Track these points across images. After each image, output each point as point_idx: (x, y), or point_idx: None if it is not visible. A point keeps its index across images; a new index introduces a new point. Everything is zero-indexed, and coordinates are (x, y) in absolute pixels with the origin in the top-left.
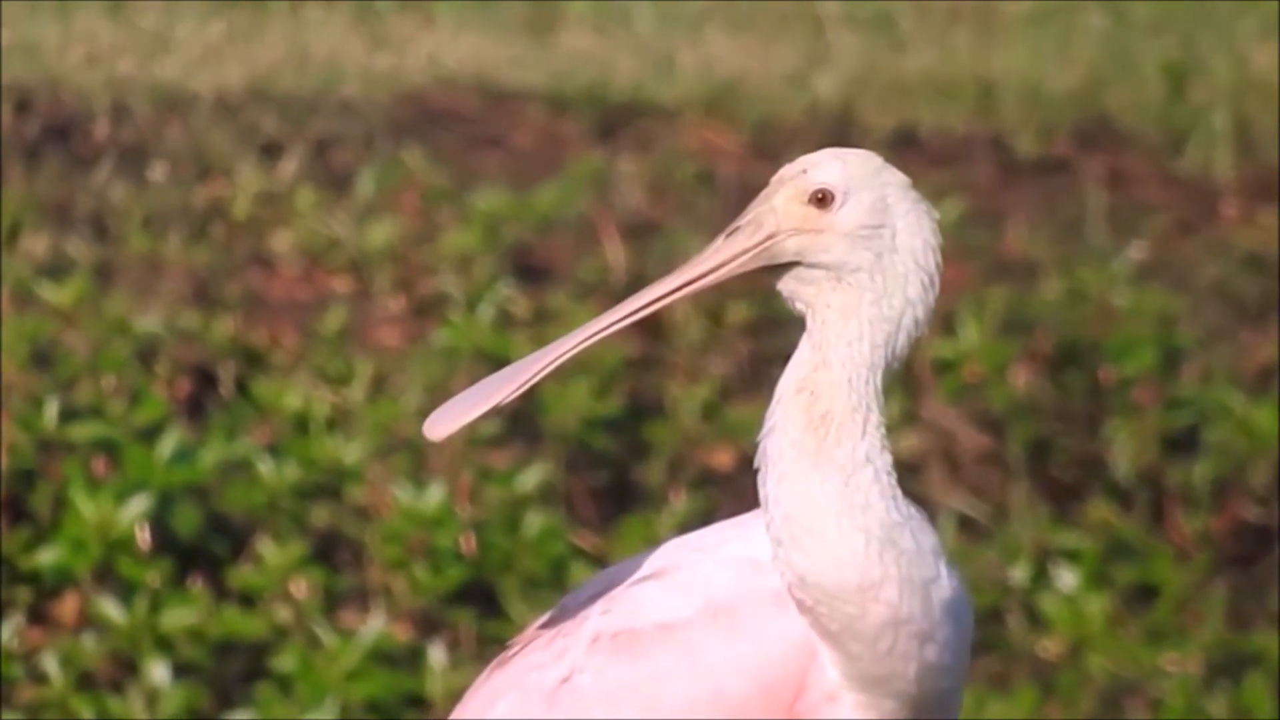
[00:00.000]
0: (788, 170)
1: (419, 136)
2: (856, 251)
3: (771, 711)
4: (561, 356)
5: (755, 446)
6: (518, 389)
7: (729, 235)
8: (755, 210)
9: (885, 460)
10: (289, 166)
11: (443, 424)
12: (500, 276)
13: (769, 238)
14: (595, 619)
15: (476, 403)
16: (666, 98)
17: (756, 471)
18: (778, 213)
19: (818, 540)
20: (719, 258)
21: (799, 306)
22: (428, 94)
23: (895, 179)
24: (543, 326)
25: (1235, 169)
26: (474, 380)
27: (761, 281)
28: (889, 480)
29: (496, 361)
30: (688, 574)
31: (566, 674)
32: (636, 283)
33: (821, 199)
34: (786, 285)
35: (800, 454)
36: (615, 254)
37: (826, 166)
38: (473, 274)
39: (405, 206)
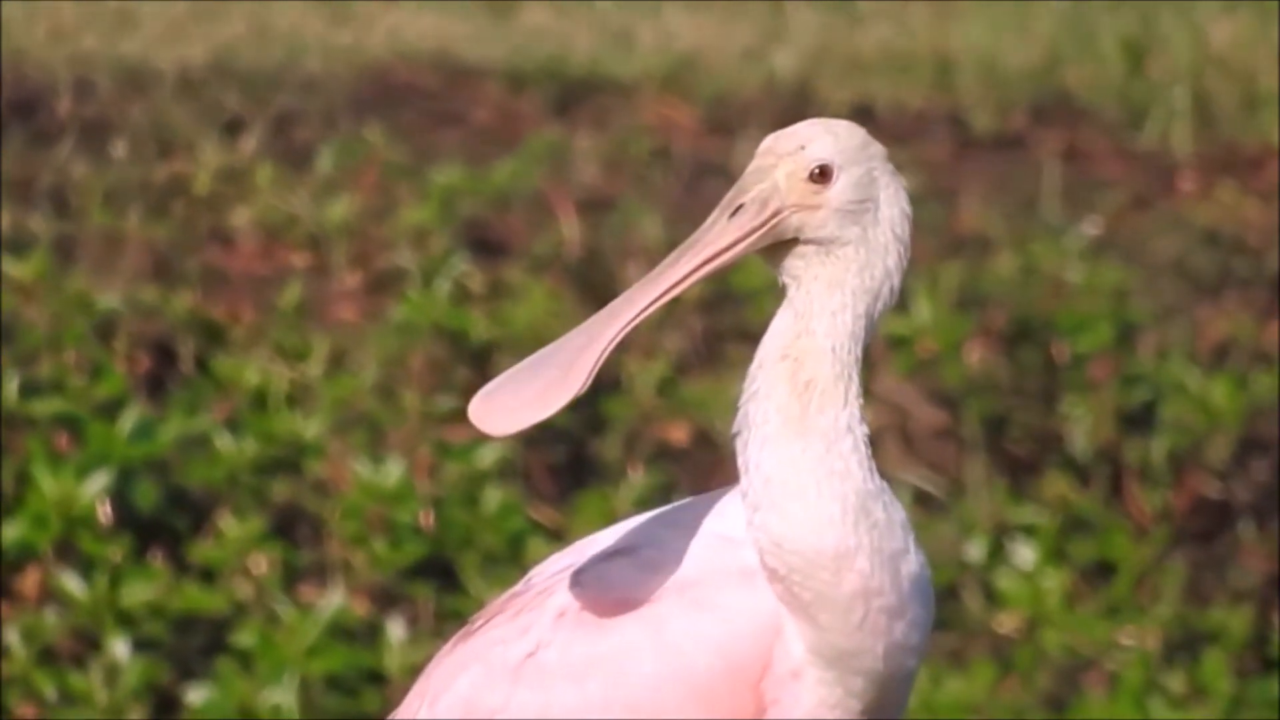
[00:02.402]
0: (778, 145)
1: (379, 112)
2: (846, 226)
3: (738, 687)
4: (609, 345)
5: (711, 422)
6: (578, 386)
7: (732, 215)
8: (756, 188)
9: (863, 430)
10: (249, 143)
11: (502, 419)
12: (456, 251)
13: (775, 214)
14: (561, 593)
15: (540, 404)
16: (624, 74)
17: (731, 440)
18: (781, 190)
19: (798, 505)
20: (730, 236)
21: (786, 278)
22: (388, 70)
23: (879, 151)
24: (498, 301)
25: (1193, 144)
26: (431, 358)
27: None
28: (866, 450)
29: (453, 336)
30: (656, 549)
31: (532, 649)
32: (591, 257)
33: (821, 174)
34: (777, 259)
35: (785, 419)
36: (571, 229)
37: (821, 141)
38: (429, 249)
39: (364, 182)
